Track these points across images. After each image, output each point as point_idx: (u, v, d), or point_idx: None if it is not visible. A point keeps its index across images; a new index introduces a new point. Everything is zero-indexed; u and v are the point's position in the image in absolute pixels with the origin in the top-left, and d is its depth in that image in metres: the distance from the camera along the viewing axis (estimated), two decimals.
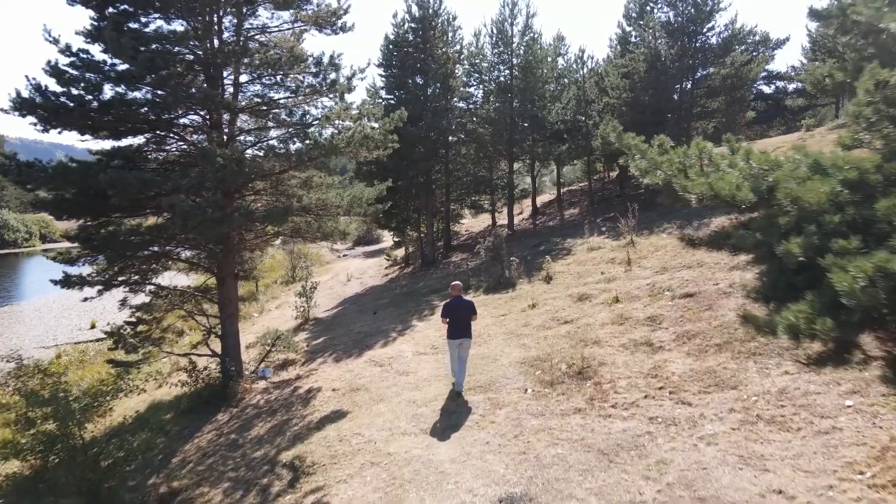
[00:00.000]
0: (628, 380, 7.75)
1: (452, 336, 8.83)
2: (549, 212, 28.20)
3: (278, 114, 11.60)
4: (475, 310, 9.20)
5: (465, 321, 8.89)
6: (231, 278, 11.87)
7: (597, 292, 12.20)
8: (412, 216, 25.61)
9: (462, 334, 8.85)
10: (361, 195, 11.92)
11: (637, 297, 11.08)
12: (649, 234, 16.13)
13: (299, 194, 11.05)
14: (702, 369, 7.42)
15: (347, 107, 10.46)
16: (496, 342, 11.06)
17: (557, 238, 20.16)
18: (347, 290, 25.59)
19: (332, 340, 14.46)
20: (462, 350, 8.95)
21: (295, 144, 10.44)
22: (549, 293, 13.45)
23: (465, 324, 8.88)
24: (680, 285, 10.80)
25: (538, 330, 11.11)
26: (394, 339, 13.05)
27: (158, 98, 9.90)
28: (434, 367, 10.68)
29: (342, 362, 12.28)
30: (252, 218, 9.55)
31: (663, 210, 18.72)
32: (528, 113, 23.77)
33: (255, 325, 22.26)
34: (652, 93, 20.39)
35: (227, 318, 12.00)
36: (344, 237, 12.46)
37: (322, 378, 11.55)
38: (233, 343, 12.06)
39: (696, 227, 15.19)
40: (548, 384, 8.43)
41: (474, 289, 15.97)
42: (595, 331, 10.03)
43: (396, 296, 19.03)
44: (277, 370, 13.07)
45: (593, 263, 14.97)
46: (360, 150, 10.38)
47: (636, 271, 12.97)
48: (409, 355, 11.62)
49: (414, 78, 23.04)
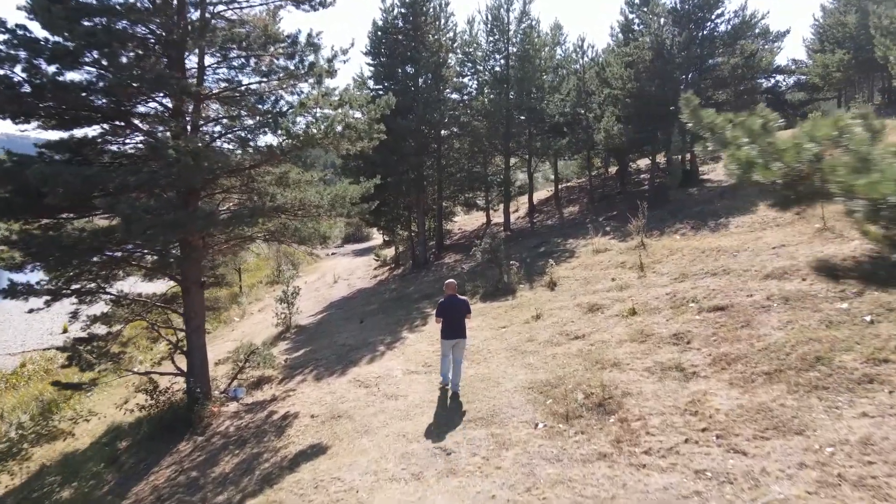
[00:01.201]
0: (662, 417, 6.44)
1: (447, 336, 8.62)
2: (547, 210, 26.90)
3: (249, 101, 10.18)
4: (469, 308, 8.92)
5: (461, 321, 8.68)
6: (197, 287, 10.46)
7: (609, 302, 10.90)
8: (402, 214, 24.21)
9: (457, 335, 8.62)
10: (345, 193, 10.53)
11: (657, 310, 9.79)
12: (660, 235, 14.88)
13: (272, 193, 9.64)
14: (753, 406, 6.12)
15: (327, 92, 9.05)
16: (497, 361, 9.73)
17: (558, 238, 18.87)
18: (334, 292, 24.18)
19: (314, 353, 13.08)
20: (457, 351, 8.70)
21: (265, 135, 9.06)
22: (555, 302, 12.15)
23: (461, 324, 8.67)
24: (706, 296, 9.52)
25: (545, 346, 9.80)
26: (381, 354, 11.70)
27: (104, 81, 8.46)
28: (427, 388, 9.35)
29: (324, 381, 10.91)
30: (213, 221, 8.13)
31: (672, 208, 17.51)
32: (526, 105, 22.41)
33: (234, 330, 20.84)
34: (658, 83, 19.10)
35: (193, 332, 10.60)
36: (325, 241, 11.09)
37: (300, 400, 10.18)
38: (199, 360, 10.66)
39: (714, 228, 13.94)
40: (562, 418, 7.12)
41: (470, 295, 14.61)
42: (612, 350, 8.73)
43: (385, 301, 17.66)
44: (252, 389, 11.67)
45: (601, 268, 13.68)
46: (341, 141, 8.99)
47: (651, 278, 11.69)
48: (399, 374, 10.27)
49: (404, 67, 21.57)
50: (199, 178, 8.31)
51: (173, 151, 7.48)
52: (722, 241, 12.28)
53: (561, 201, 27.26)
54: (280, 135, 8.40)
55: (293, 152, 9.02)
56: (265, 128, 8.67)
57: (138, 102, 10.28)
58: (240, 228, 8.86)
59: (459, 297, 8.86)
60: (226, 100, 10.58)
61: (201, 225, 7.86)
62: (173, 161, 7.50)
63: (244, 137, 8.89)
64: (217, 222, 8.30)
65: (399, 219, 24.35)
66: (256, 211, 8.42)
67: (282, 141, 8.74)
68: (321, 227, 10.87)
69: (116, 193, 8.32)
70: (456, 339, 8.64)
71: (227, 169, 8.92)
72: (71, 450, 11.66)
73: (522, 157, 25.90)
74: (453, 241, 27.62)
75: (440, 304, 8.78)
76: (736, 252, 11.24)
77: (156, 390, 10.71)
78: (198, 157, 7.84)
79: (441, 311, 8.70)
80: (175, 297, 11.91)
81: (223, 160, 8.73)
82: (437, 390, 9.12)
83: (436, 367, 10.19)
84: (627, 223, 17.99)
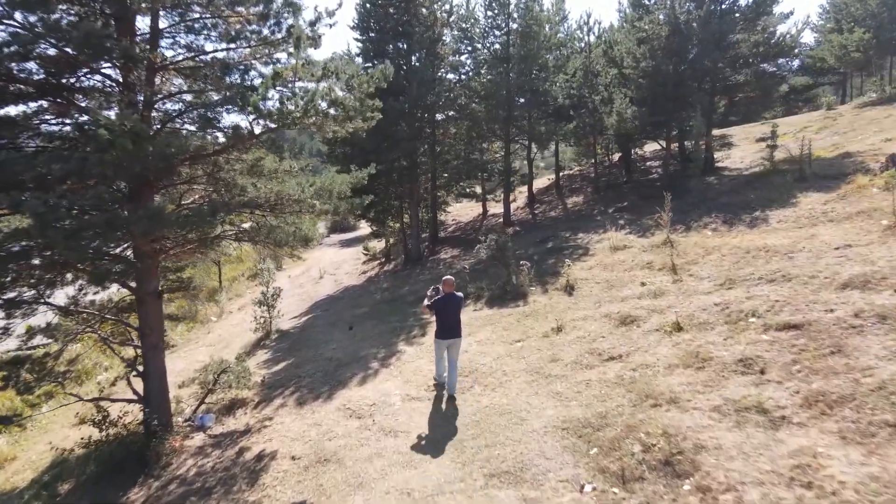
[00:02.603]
0: (760, 488, 4.80)
1: (442, 336, 8.07)
2: (548, 199, 25.20)
3: (215, 73, 8.32)
4: (463, 302, 8.48)
5: (457, 319, 8.16)
6: (153, 298, 8.66)
7: (644, 312, 9.26)
8: (393, 205, 22.38)
9: (453, 335, 8.08)
10: (331, 185, 8.75)
11: (708, 325, 8.16)
12: (686, 231, 13.25)
13: (242, 185, 7.82)
14: (892, 481, 4.50)
15: (308, 61, 7.23)
16: (517, 387, 8.07)
17: (566, 232, 17.19)
18: (320, 289, 22.36)
19: (297, 369, 11.33)
20: (452, 351, 8.12)
21: (231, 114, 7.23)
22: (576, 310, 10.49)
23: (457, 321, 8.16)
24: (769, 308, 7.89)
25: (574, 369, 8.15)
26: (375, 373, 9.99)
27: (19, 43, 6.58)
28: (432, 421, 7.68)
29: (307, 407, 9.18)
30: (162, 221, 6.32)
31: (693, 199, 15.89)
32: (529, 85, 20.60)
33: (210, 332, 19.00)
34: (676, 61, 17.39)
35: (149, 350, 8.83)
36: (306, 244, 9.29)
37: (279, 434, 8.44)
38: (157, 385, 8.89)
39: (751, 223, 12.33)
40: (616, 478, 5.48)
41: (474, 299, 12.92)
42: (662, 378, 7.09)
43: (377, 304, 15.90)
44: (222, 415, 9.91)
45: (624, 268, 12.03)
46: (326, 122, 7.19)
47: (689, 283, 10.06)
48: (397, 401, 8.58)
49: (395, 43, 19.57)
50: (146, 167, 6.48)
51: (105, 132, 5.65)
52: (768, 240, 10.67)
53: (563, 191, 25.58)
54: (248, 112, 6.59)
55: (266, 135, 7.24)
56: (230, 104, 6.84)
57: (82, 75, 8.41)
58: (200, 230, 7.04)
59: (457, 295, 8.20)
60: (187, 71, 8.71)
61: (145, 227, 6.05)
62: (105, 144, 5.67)
63: (206, 116, 7.04)
64: (167, 222, 6.48)
65: (390, 210, 22.52)
66: (219, 208, 6.61)
67: (252, 121, 6.93)
68: (303, 226, 9.07)
69: (40, 187, 6.51)
70: (452, 339, 8.06)
71: (184, 155, 7.08)
72: (9, 487, 9.89)
73: (521, 144, 24.12)
74: (448, 232, 25.86)
75: (436, 301, 8.09)
76: (790, 253, 9.64)
77: (105, 420, 8.92)
78: (139, 139, 6.01)
79: (437, 308, 8.06)
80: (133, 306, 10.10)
81: (177, 144, 6.89)
82: (444, 425, 7.47)
83: (440, 391, 8.56)
84: (643, 216, 16.39)
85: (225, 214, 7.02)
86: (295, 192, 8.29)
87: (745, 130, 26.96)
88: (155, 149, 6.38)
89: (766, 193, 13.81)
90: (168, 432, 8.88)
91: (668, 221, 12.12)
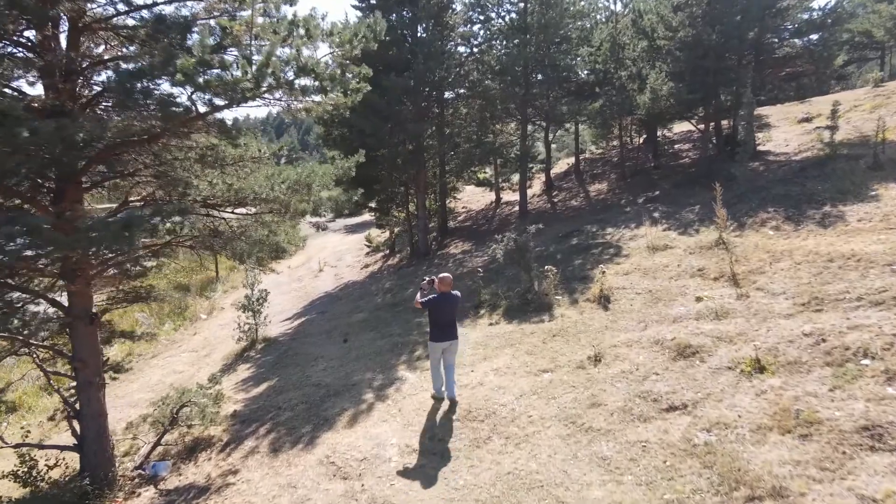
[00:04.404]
0: None
1: (437, 339, 7.49)
2: (567, 186, 23.10)
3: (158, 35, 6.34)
4: (460, 301, 7.77)
5: (453, 319, 7.61)
6: (84, 324, 6.82)
7: (707, 341, 7.31)
8: (397, 192, 20.40)
9: (449, 336, 7.50)
10: (310, 179, 6.84)
11: (801, 365, 6.20)
12: (740, 228, 11.22)
13: (186, 179, 5.92)
14: None
15: (267, 11, 5.27)
16: (547, 443, 6.18)
17: (592, 226, 15.16)
18: (318, 285, 20.57)
19: (278, 395, 9.52)
20: (448, 355, 7.57)
21: (161, 84, 5.31)
22: (615, 331, 8.56)
23: (453, 322, 7.60)
24: (888, 347, 5.92)
25: (623, 421, 6.24)
26: (369, 409, 8.13)
27: None
28: (440, 490, 5.83)
29: (282, 457, 7.36)
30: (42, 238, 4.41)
31: (739, 189, 13.78)
32: (548, 59, 18.40)
33: (196, 334, 17.28)
34: (719, 29, 15.15)
35: (83, 387, 7.04)
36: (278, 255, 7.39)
37: (243, 499, 6.63)
38: (94, 429, 7.11)
39: (822, 220, 10.27)
40: None
41: (489, 309, 11.01)
42: (751, 447, 5.17)
43: (377, 309, 14.03)
44: (182, 459, 8.12)
45: (668, 275, 10.06)
46: (292, 93, 5.26)
47: (759, 299, 8.08)
48: (394, 454, 6.73)
49: (399, 11, 17.41)
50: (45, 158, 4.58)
51: None
52: (854, 244, 8.64)
53: (583, 176, 23.46)
54: (178, 83, 4.68)
55: (212, 113, 5.34)
56: (158, 73, 4.92)
57: None
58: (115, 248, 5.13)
59: (454, 294, 7.57)
60: (125, 33, 6.76)
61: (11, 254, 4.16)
62: None
63: (125, 89, 5.12)
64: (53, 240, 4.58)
65: (394, 198, 20.55)
66: (134, 221, 4.66)
67: (191, 94, 5.01)
68: (278, 232, 7.16)
69: None
70: (448, 341, 7.49)
71: (101, 143, 5.18)
72: None
73: (538, 125, 21.96)
74: (458, 222, 23.88)
75: (430, 300, 7.42)
76: (894, 265, 7.62)
77: (31, 473, 7.17)
78: (14, 117, 4.10)
79: (431, 307, 7.41)
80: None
81: (89, 129, 4.97)
82: (455, 501, 5.62)
83: (449, 438, 6.72)
84: (680, 207, 14.35)
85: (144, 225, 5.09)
86: (262, 188, 6.38)
87: (782, 110, 24.56)
88: (48, 134, 4.46)
89: (834, 183, 11.69)
90: (109, 488, 7.12)
91: (724, 218, 10.06)
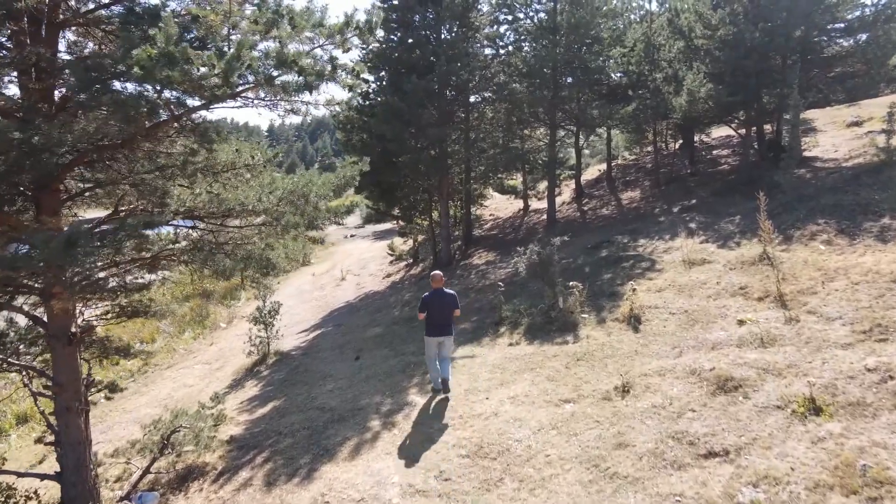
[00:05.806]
0: None
1: (431, 333, 7.95)
2: (598, 194, 22.14)
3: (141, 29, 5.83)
4: (458, 303, 8.16)
5: (447, 318, 7.97)
6: (63, 344, 6.34)
7: (751, 373, 6.41)
8: (421, 199, 19.78)
9: (443, 332, 7.94)
10: (307, 189, 6.24)
11: (863, 407, 5.28)
12: (787, 242, 10.21)
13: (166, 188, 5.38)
14: None
15: None
16: (567, 490, 5.39)
17: (623, 237, 14.24)
18: (339, 294, 20.07)
19: (281, 419, 8.94)
20: (443, 349, 8.02)
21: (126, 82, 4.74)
22: (646, 357, 7.71)
23: (447, 320, 7.97)
24: None
25: (654, 467, 5.40)
26: (373, 438, 7.45)
27: None
28: None
29: (275, 493, 6.73)
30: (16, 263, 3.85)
31: (785, 198, 12.70)
32: (579, 61, 17.55)
33: (213, 344, 16.98)
34: (763, 27, 14.10)
35: (61, 413, 6.55)
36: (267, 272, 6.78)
37: None
38: (73, 459, 6.60)
39: (881, 234, 9.22)
40: None
41: (510, 327, 10.24)
42: None
43: (394, 321, 13.38)
44: (173, 489, 7.59)
45: (706, 293, 9.14)
46: (273, 91, 4.65)
47: (811, 324, 7.14)
48: (395, 496, 6.02)
49: (423, 11, 16.84)
50: None
51: None
52: None
53: (615, 184, 22.46)
54: (136, 76, 4.11)
55: (188, 115, 4.77)
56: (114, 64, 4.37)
57: None
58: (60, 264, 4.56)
59: (447, 291, 8.07)
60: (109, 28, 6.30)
61: None
62: None
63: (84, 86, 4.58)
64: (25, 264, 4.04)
65: (417, 205, 19.93)
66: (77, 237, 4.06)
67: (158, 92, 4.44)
68: (275, 246, 6.56)
69: None
70: (442, 336, 7.95)
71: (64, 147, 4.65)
72: None
73: (568, 130, 21.07)
74: (485, 230, 23.14)
75: (424, 299, 7.99)
76: None
77: (6, 503, 6.72)
78: None
79: (424, 305, 7.95)
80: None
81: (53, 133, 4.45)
82: None
83: (456, 478, 5.99)
84: (719, 218, 13.34)
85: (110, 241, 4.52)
86: (251, 198, 5.78)
87: (828, 114, 23.12)
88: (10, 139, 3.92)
89: (893, 192, 10.57)
90: None
91: (770, 230, 9.08)
